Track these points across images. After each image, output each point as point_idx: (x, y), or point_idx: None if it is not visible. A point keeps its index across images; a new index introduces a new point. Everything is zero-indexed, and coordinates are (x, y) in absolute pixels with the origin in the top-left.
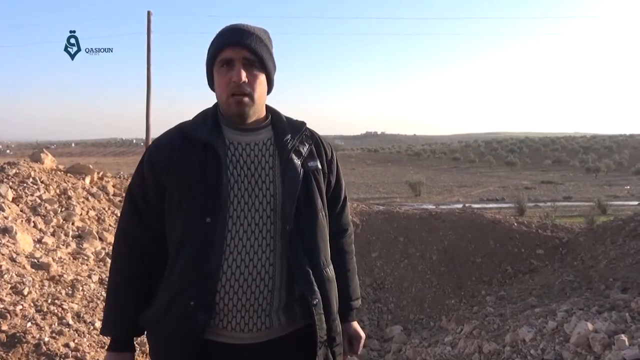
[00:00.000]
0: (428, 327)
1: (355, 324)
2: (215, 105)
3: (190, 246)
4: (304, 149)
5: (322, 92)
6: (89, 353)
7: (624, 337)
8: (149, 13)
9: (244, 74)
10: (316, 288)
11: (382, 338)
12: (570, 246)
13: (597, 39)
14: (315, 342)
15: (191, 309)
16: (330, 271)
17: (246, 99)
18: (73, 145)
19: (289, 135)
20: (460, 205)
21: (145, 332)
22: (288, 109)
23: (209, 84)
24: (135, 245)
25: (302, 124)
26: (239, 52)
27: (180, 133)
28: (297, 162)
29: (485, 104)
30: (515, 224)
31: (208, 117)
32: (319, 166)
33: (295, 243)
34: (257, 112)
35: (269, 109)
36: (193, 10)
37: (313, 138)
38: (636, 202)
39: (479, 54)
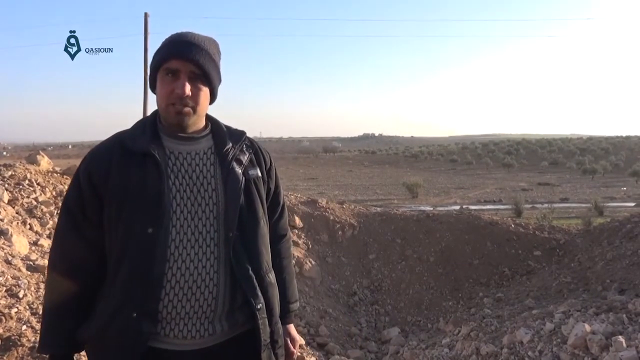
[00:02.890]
0: (425, 329)
1: (292, 327)
2: (154, 114)
3: (133, 257)
4: (245, 158)
5: (320, 94)
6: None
7: (621, 338)
8: (145, 15)
9: (188, 88)
10: (259, 293)
11: (380, 340)
12: (567, 248)
13: (594, 41)
14: (260, 346)
15: (134, 320)
16: (272, 276)
17: (187, 109)
18: (70, 147)
19: (230, 144)
20: (457, 207)
21: (85, 347)
22: (287, 111)
23: (151, 86)
24: (73, 260)
25: (242, 133)
26: (185, 66)
27: (119, 143)
28: (239, 170)
29: (482, 106)
30: (513, 225)
31: (147, 127)
32: (259, 174)
33: (239, 250)
34: (197, 123)
35: (208, 117)
36: (189, 13)
37: (253, 147)
38: (633, 204)
39: (475, 56)
